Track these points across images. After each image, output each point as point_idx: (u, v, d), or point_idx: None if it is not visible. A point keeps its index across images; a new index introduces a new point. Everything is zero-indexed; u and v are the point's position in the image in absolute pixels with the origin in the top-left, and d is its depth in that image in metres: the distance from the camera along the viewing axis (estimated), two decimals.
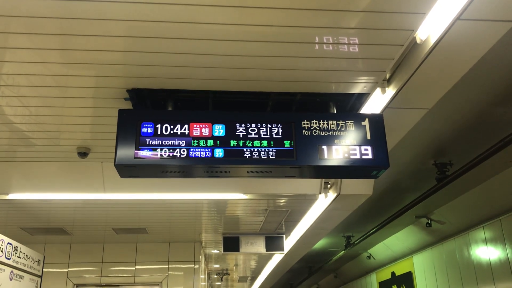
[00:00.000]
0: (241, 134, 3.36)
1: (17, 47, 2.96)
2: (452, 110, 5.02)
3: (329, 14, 2.75)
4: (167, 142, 3.27)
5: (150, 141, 3.26)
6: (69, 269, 7.95)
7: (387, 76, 3.55)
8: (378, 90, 3.60)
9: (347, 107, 3.74)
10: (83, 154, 4.52)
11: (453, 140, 5.89)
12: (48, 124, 4.02)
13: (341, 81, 3.45)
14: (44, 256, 6.25)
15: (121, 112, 3.33)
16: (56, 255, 7.83)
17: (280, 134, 3.38)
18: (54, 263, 7.73)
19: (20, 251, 5.45)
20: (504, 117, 5.27)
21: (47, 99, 3.59)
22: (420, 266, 10.14)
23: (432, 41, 2.94)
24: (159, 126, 3.30)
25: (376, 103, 3.69)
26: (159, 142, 3.26)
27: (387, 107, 3.64)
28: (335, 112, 3.65)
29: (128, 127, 3.27)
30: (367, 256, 12.65)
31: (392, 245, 11.11)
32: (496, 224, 7.24)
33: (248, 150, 3.32)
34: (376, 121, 3.47)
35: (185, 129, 3.31)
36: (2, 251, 4.96)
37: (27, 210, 5.96)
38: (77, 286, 7.90)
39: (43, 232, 7.09)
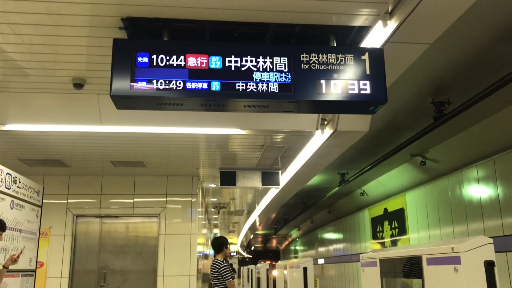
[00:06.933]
0: (238, 66, 3.30)
1: None
2: (453, 46, 4.92)
3: None
4: (163, 74, 3.21)
5: (146, 72, 3.20)
6: (69, 200, 8.11)
7: (389, 9, 3.44)
8: (380, 23, 3.50)
9: (347, 40, 3.66)
10: (78, 85, 4.47)
11: (453, 78, 5.84)
12: (42, 54, 3.94)
13: (342, 13, 3.35)
14: (44, 187, 6.35)
15: (116, 42, 3.25)
16: (55, 186, 7.95)
17: (278, 67, 3.32)
18: (53, 194, 7.87)
19: (20, 182, 5.53)
20: (506, 56, 5.19)
21: (39, 27, 3.49)
22: (412, 203, 10.38)
23: None
24: (154, 56, 3.23)
25: (377, 37, 3.60)
26: (155, 74, 3.21)
27: (388, 41, 3.56)
28: (335, 45, 3.57)
29: (123, 57, 3.20)
30: (361, 193, 12.92)
31: (386, 182, 11.32)
32: (489, 163, 7.34)
33: (245, 83, 3.27)
34: (376, 55, 3.41)
35: (181, 61, 3.25)
36: (1, 181, 5.03)
37: (25, 142, 5.98)
38: (76, 216, 8.09)
39: (41, 163, 7.17)
